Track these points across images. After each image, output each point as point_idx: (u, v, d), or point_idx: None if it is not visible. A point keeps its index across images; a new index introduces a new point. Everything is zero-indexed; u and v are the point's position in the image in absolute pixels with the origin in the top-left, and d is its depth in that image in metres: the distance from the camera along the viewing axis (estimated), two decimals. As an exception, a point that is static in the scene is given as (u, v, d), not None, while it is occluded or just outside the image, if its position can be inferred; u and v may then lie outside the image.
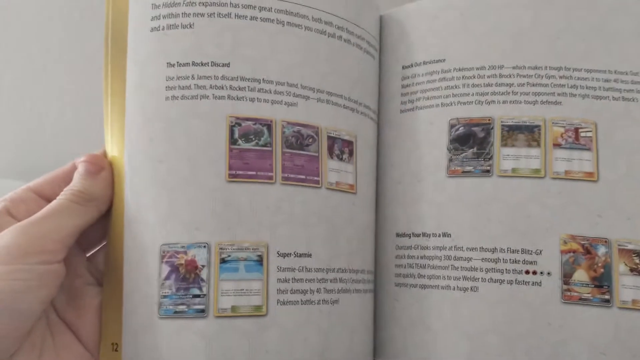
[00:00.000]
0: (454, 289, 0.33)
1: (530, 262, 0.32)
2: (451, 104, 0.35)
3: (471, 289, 0.33)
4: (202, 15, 0.31)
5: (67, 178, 0.31)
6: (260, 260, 0.31)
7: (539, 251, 0.32)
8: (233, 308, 0.30)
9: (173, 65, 0.31)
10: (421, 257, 0.35)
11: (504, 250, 0.33)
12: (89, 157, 0.32)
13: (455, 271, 0.34)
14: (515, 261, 0.32)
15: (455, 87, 0.35)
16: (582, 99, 0.34)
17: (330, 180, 0.33)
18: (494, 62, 0.35)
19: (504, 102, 0.34)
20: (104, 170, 0.31)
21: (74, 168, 0.32)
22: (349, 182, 0.34)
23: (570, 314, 0.31)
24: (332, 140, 0.34)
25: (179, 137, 0.31)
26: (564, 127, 0.34)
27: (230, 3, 0.32)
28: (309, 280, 0.32)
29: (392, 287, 0.36)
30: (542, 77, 0.34)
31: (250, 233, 0.31)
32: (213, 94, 0.31)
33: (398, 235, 0.36)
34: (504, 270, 0.33)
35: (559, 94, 0.34)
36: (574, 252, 0.32)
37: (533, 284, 0.32)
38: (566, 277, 0.32)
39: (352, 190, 0.34)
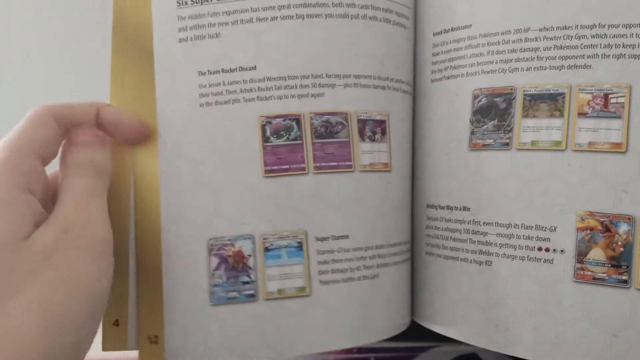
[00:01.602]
0: (471, 261, 0.34)
1: (544, 239, 0.32)
2: (475, 74, 0.34)
3: (485, 262, 0.33)
4: (227, 24, 0.33)
5: (59, 142, 0.30)
6: (300, 246, 0.34)
7: (553, 228, 0.31)
8: (279, 291, 0.33)
9: (204, 74, 0.33)
10: (445, 229, 0.36)
11: (517, 226, 0.32)
12: (88, 130, 0.31)
13: (472, 245, 0.34)
14: (529, 237, 0.32)
15: (480, 54, 0.34)
16: (616, 60, 0.31)
17: (363, 162, 0.35)
18: (520, 24, 0.33)
19: (527, 69, 0.33)
20: (107, 143, 0.32)
21: (54, 130, 0.29)
22: (383, 161, 0.35)
23: (582, 294, 0.31)
24: (362, 122, 0.35)
25: (217, 140, 0.33)
26: (591, 93, 0.31)
27: (251, 8, 0.34)
28: (348, 260, 0.34)
29: (423, 255, 0.37)
30: (571, 39, 0.32)
31: (289, 222, 0.33)
32: (244, 97, 0.33)
33: (428, 206, 0.37)
34: (517, 247, 0.32)
35: (589, 57, 0.31)
36: (592, 229, 0.31)
37: (545, 261, 0.31)
38: (580, 256, 0.31)
39: (386, 169, 0.36)
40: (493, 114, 0.34)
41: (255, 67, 0.34)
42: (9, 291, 0.25)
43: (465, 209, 0.35)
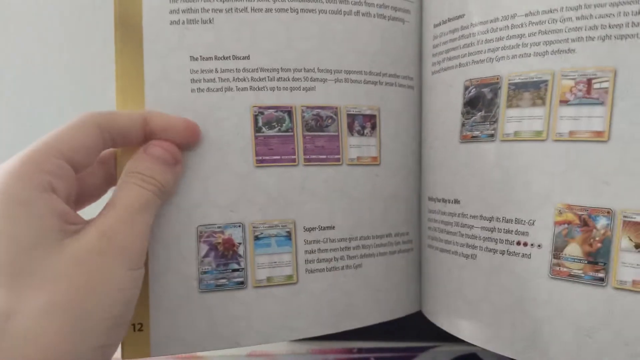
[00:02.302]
0: (459, 255, 0.34)
1: (522, 233, 0.31)
2: (467, 64, 0.34)
3: (471, 256, 0.33)
4: (221, 10, 0.33)
5: (96, 149, 0.29)
6: (289, 236, 0.35)
7: (532, 222, 0.30)
8: (268, 279, 0.34)
9: (196, 59, 0.33)
10: (441, 222, 0.35)
11: (499, 219, 0.32)
12: (167, 145, 0.31)
13: (461, 238, 0.34)
14: (509, 231, 0.31)
15: (471, 44, 0.34)
16: (601, 42, 0.29)
17: (351, 156, 0.36)
18: (508, 11, 0.32)
19: (513, 57, 0.32)
20: (179, 163, 0.32)
21: (94, 138, 0.28)
22: (372, 155, 0.36)
23: (557, 291, 0.29)
24: (352, 117, 0.36)
25: (208, 128, 0.33)
26: (574, 79, 0.30)
27: None
28: (332, 250, 0.35)
29: (426, 248, 0.37)
30: (556, 22, 0.30)
31: (279, 212, 0.34)
32: (236, 86, 0.34)
33: (429, 199, 0.37)
34: (498, 240, 0.32)
35: (573, 40, 0.30)
36: (569, 223, 0.29)
37: (523, 255, 0.30)
38: (557, 251, 0.29)
39: (375, 163, 0.36)
40: (480, 105, 0.33)
41: (248, 56, 0.34)
42: (33, 292, 0.24)
43: (456, 202, 0.34)
